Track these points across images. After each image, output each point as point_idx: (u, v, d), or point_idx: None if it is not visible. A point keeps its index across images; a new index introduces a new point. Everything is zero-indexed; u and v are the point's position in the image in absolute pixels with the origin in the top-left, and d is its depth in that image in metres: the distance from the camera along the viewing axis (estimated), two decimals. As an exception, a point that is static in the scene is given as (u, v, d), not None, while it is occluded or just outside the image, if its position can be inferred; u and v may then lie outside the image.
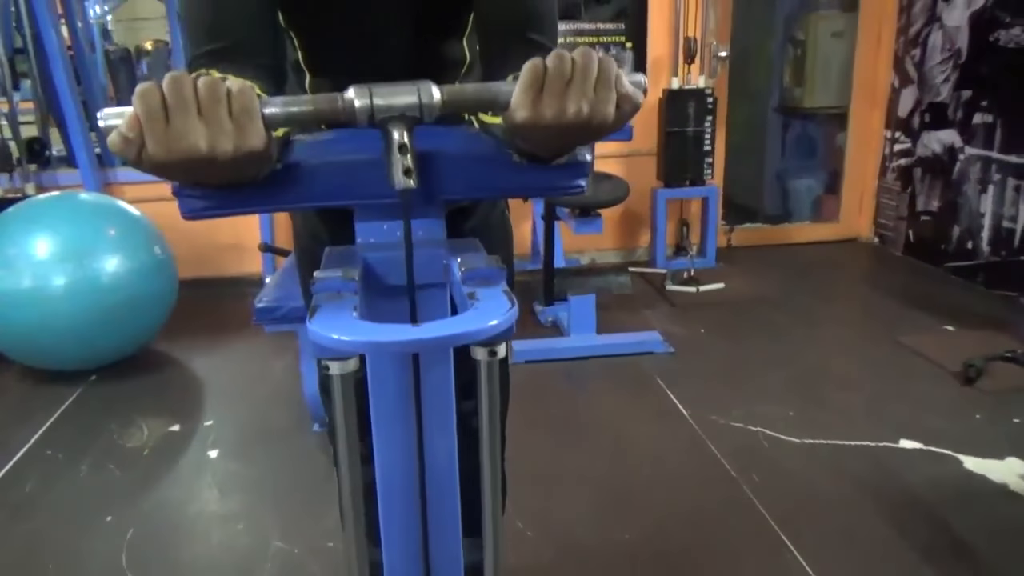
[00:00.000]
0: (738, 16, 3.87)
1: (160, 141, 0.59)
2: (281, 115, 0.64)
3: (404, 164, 0.65)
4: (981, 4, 3.20)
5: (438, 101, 0.65)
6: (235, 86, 0.61)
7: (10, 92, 3.35)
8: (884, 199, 3.93)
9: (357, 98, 0.64)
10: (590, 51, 0.65)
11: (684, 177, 3.54)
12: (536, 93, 0.65)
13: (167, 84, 0.59)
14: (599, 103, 0.66)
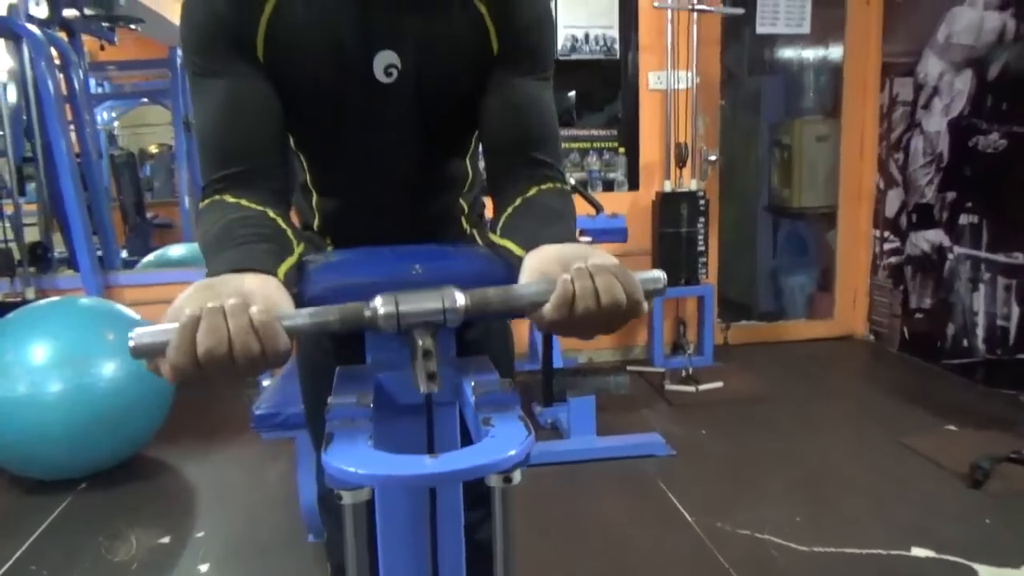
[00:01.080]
0: (726, 122, 4.02)
1: (191, 376, 0.64)
2: (307, 327, 0.66)
3: (428, 369, 0.66)
4: (958, 112, 3.33)
5: (462, 307, 0.68)
6: (256, 316, 0.63)
7: (16, 198, 3.41)
8: (877, 297, 3.98)
9: (382, 306, 0.66)
10: (620, 298, 0.69)
11: (679, 276, 3.59)
12: (561, 328, 0.71)
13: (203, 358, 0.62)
14: (616, 328, 0.72)
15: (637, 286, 0.70)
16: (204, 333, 0.61)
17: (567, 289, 0.68)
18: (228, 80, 0.87)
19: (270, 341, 0.63)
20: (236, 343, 0.62)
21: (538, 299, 0.69)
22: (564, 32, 3.54)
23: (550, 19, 0.97)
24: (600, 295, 0.68)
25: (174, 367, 0.62)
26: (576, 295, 0.68)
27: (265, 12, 0.87)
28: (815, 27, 3.90)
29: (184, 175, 4.85)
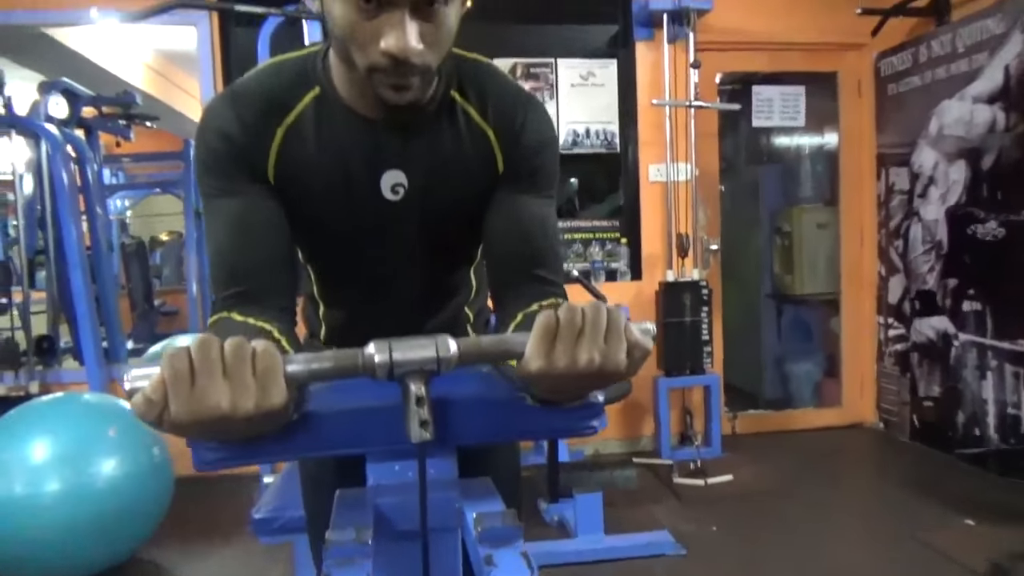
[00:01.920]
0: (726, 210, 4.09)
1: (184, 402, 0.61)
2: (303, 372, 0.67)
3: (421, 416, 0.67)
4: (955, 200, 3.38)
5: (454, 354, 0.68)
6: (260, 347, 0.64)
7: (27, 291, 3.45)
8: (885, 384, 3.94)
9: (377, 353, 0.67)
10: (599, 304, 0.70)
11: (684, 366, 3.57)
12: (549, 345, 0.68)
13: (195, 348, 0.62)
14: (610, 352, 0.69)
15: (620, 316, 0.70)
16: (198, 360, 0.62)
17: (548, 318, 0.69)
18: (238, 201, 0.89)
19: (267, 373, 0.64)
20: (231, 366, 0.62)
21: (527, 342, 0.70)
22: (566, 127, 3.64)
23: (554, 142, 1.00)
24: (583, 307, 0.69)
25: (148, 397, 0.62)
26: (560, 311, 0.69)
27: (277, 137, 0.90)
28: (810, 119, 4.01)
29: (193, 262, 4.90)
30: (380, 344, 0.67)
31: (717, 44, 3.70)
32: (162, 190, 5.82)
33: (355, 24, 0.79)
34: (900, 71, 3.69)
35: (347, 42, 0.81)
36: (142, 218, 6.10)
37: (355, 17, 0.78)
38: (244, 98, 0.90)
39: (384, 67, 0.80)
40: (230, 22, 3.41)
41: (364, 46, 0.80)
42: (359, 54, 0.81)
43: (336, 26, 0.81)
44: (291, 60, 0.94)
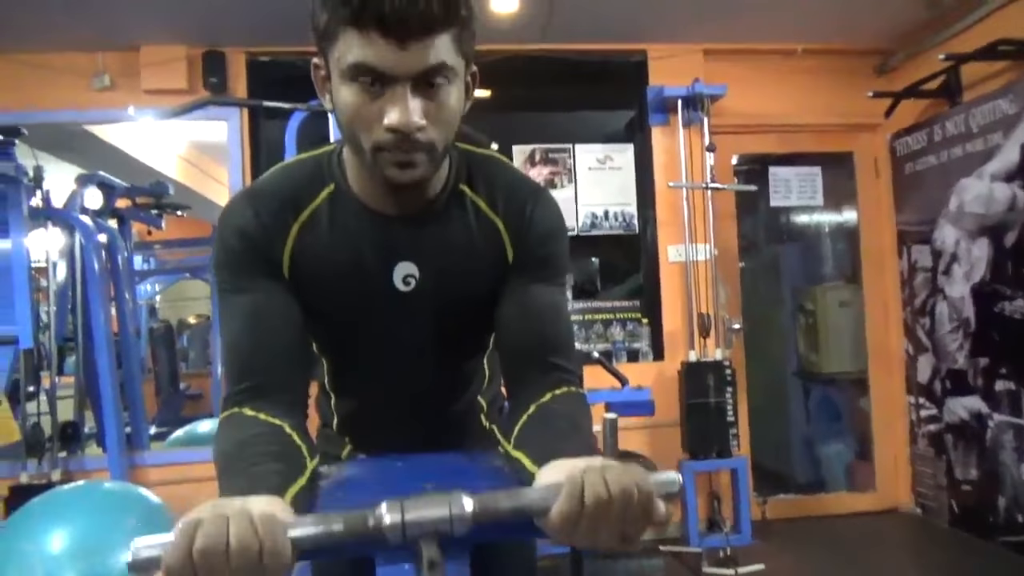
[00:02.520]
0: (747, 289, 4.07)
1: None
2: (310, 539, 0.65)
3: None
4: (980, 278, 3.35)
5: (469, 514, 0.66)
6: (263, 528, 0.63)
7: (54, 378, 3.49)
8: (920, 467, 3.81)
9: (388, 514, 0.65)
10: (631, 484, 0.68)
11: (710, 448, 3.49)
12: (572, 524, 0.67)
13: (200, 541, 0.61)
14: (632, 533, 0.69)
15: (647, 479, 0.69)
16: (203, 533, 0.61)
17: (576, 482, 0.67)
18: (253, 297, 0.91)
19: (269, 540, 0.62)
20: (234, 543, 0.61)
21: (547, 502, 0.67)
22: (584, 210, 3.69)
23: (563, 230, 1.02)
24: (610, 486, 0.67)
25: (168, 568, 0.61)
26: (586, 485, 0.67)
27: (291, 234, 0.93)
28: (828, 198, 4.04)
29: (218, 345, 4.95)
30: (392, 504, 0.66)
31: (732, 127, 3.78)
32: (191, 275, 5.96)
33: (360, 106, 0.83)
34: (916, 150, 3.72)
35: (354, 126, 0.85)
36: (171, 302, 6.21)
37: (361, 99, 0.82)
38: (261, 197, 0.94)
39: (389, 144, 0.83)
40: (259, 116, 3.56)
41: (370, 126, 0.83)
42: (365, 135, 0.84)
43: (344, 112, 0.85)
44: (307, 159, 0.98)
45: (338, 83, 0.84)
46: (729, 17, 3.46)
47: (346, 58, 0.81)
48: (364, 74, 0.81)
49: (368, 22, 0.78)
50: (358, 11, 0.78)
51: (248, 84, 3.52)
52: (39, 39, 3.25)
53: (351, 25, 0.80)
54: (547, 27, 3.45)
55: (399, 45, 0.79)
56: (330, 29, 0.82)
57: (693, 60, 3.70)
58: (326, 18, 0.82)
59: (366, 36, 0.79)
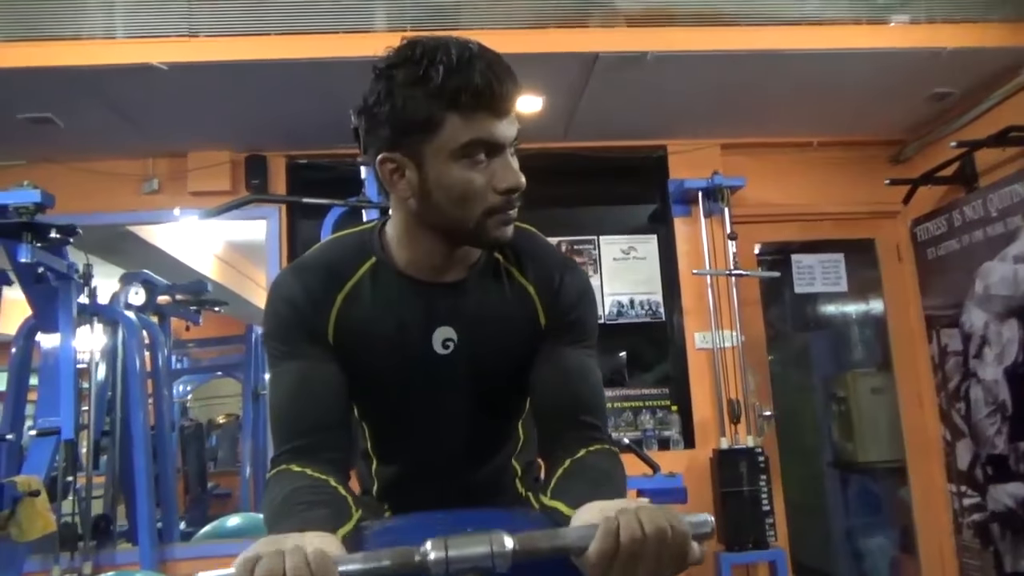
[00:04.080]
0: (778, 378, 4.06)
1: None
2: (360, 572, 0.69)
3: None
4: (1012, 360, 3.32)
5: (510, 551, 0.70)
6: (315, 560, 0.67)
7: (89, 472, 3.54)
8: (967, 559, 3.67)
9: (433, 551, 0.69)
10: (665, 524, 0.72)
11: (746, 539, 3.41)
12: (607, 563, 0.71)
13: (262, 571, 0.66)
14: (667, 573, 0.72)
15: (681, 519, 0.72)
16: (262, 567, 0.65)
17: (611, 521, 0.71)
18: (300, 363, 0.98)
19: (322, 568, 0.66)
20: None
21: (584, 541, 0.70)
22: (610, 299, 3.76)
23: (592, 295, 1.09)
24: (644, 525, 0.70)
25: None
26: (621, 525, 0.70)
27: (336, 305, 1.00)
28: (852, 284, 4.08)
29: (248, 445, 4.97)
30: (436, 541, 0.70)
31: (753, 217, 3.87)
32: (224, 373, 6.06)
33: (472, 179, 0.94)
34: (937, 235, 3.77)
35: (467, 198, 0.94)
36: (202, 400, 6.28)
37: (471, 173, 0.93)
38: (307, 270, 1.02)
39: (502, 206, 0.95)
40: (296, 215, 3.73)
41: (482, 194, 0.94)
42: (477, 204, 0.95)
43: (454, 188, 0.94)
44: (349, 236, 1.07)
45: (444, 166, 0.94)
46: (744, 114, 3.62)
47: (458, 140, 0.92)
48: (478, 148, 0.92)
49: (475, 105, 0.91)
50: (468, 98, 0.90)
51: (287, 184, 3.71)
52: (96, 147, 3.49)
53: (456, 111, 0.91)
54: (570, 126, 3.64)
55: (499, 118, 0.92)
56: (430, 119, 0.92)
57: (711, 154, 3.84)
58: (426, 110, 0.92)
59: (473, 117, 0.91)
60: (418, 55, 0.92)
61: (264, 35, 2.85)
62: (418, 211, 0.98)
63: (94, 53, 2.80)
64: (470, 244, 1.01)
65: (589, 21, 2.99)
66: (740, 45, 3.00)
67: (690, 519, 0.73)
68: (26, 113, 3.11)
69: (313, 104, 3.19)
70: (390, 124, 0.94)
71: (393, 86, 0.93)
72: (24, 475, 2.70)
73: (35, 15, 2.79)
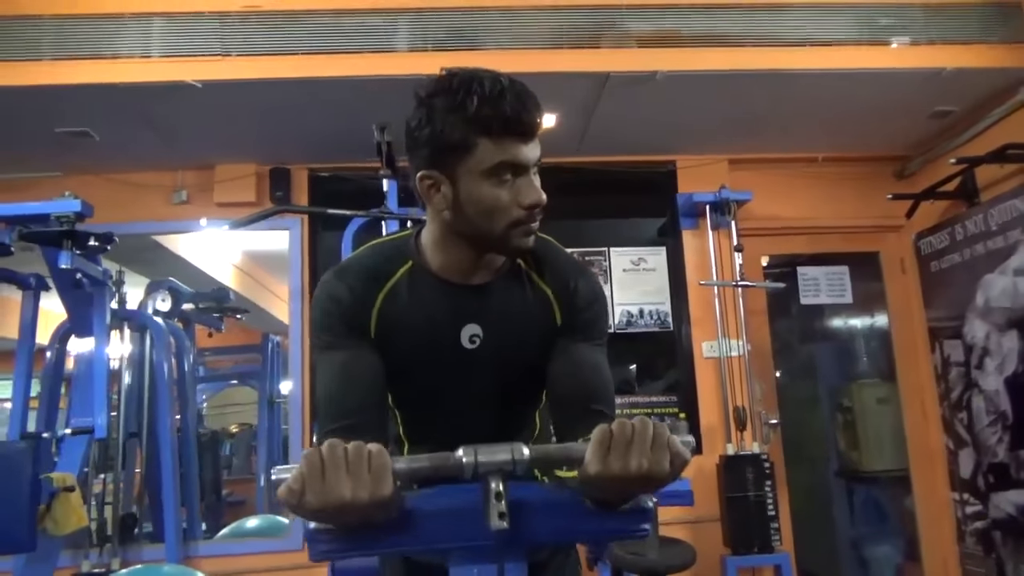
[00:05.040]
0: (785, 388, 4.16)
1: (316, 492, 0.79)
2: (407, 470, 0.84)
3: (499, 509, 0.82)
4: (1012, 370, 3.41)
5: (527, 457, 0.85)
6: (374, 448, 0.82)
7: (118, 472, 3.68)
8: (970, 566, 3.74)
9: (464, 456, 0.85)
10: (646, 419, 0.87)
11: (752, 543, 3.50)
12: (604, 452, 0.85)
13: (326, 449, 0.80)
14: (656, 459, 0.85)
15: (664, 429, 0.87)
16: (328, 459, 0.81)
17: (603, 430, 0.86)
18: (346, 353, 1.11)
19: (378, 473, 0.82)
20: (352, 466, 0.80)
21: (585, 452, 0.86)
22: (620, 309, 3.88)
23: (604, 298, 1.23)
24: (633, 421, 0.86)
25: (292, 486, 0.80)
26: (614, 432, 0.85)
27: (377, 302, 1.14)
28: (857, 297, 4.18)
29: (263, 453, 5.09)
30: (467, 449, 0.85)
31: (759, 230, 3.99)
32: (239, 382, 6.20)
33: (499, 196, 1.07)
34: (940, 249, 3.87)
35: (493, 212, 1.08)
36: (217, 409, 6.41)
37: (499, 191, 1.07)
38: (351, 272, 1.16)
39: (525, 219, 1.09)
40: (318, 225, 3.87)
41: (508, 209, 1.08)
42: (503, 217, 1.08)
43: (482, 203, 1.08)
44: (388, 242, 1.21)
45: (476, 183, 1.08)
46: (751, 131, 3.75)
47: (489, 161, 1.06)
48: (505, 169, 1.06)
49: (504, 132, 1.05)
50: (503, 124, 1.04)
51: (309, 195, 3.86)
52: (128, 160, 3.65)
53: (488, 137, 1.05)
54: (582, 142, 3.77)
55: (524, 143, 1.06)
56: (463, 142, 1.06)
57: (719, 169, 3.96)
58: (461, 134, 1.06)
59: (502, 142, 1.05)
60: (455, 85, 1.05)
61: (292, 54, 3.00)
62: (451, 222, 1.11)
63: (131, 71, 2.96)
64: (496, 252, 1.14)
65: (601, 42, 3.13)
66: (746, 65, 3.13)
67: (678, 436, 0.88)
68: (65, 127, 3.27)
69: (336, 119, 3.35)
70: (429, 145, 1.08)
71: (433, 113, 1.06)
72: (59, 472, 2.84)
73: (76, 35, 2.96)
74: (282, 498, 0.81)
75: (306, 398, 3.78)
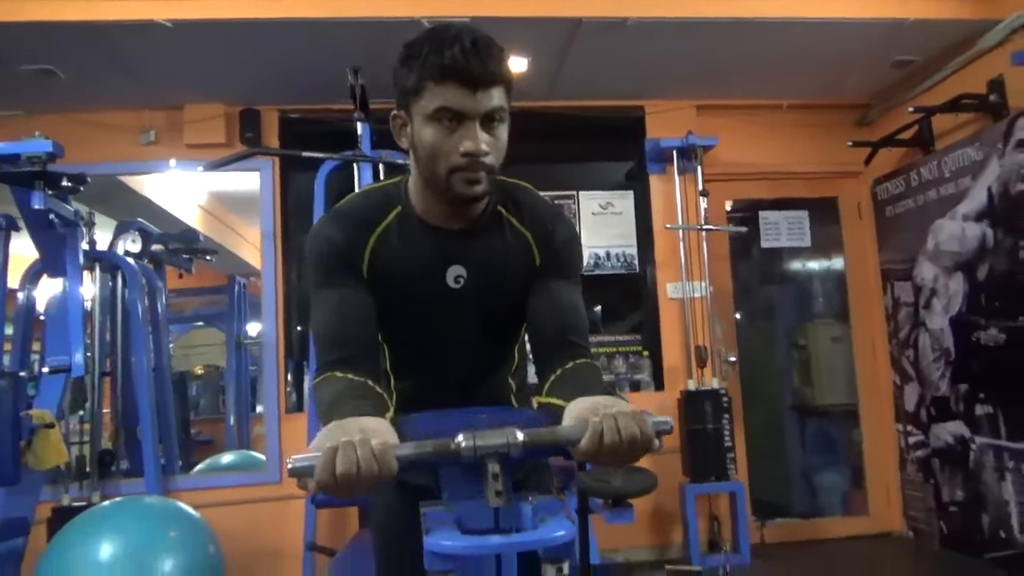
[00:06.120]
0: (744, 328, 4.34)
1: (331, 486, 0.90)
2: (411, 456, 0.93)
3: (496, 488, 0.92)
4: (957, 310, 3.61)
5: (520, 442, 0.94)
6: (377, 447, 0.90)
7: (94, 410, 3.73)
8: (909, 491, 4.02)
9: (464, 440, 0.93)
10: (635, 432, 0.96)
11: (709, 473, 3.71)
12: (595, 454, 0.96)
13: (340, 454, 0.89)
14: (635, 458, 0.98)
15: (649, 425, 0.97)
16: (340, 461, 0.88)
17: (596, 428, 0.95)
18: (341, 291, 1.19)
19: (386, 465, 0.90)
20: (363, 467, 0.88)
21: (575, 436, 0.96)
22: (588, 251, 3.99)
23: (578, 239, 1.33)
24: (621, 431, 0.94)
25: (319, 483, 0.89)
26: (604, 432, 0.94)
27: (370, 244, 1.22)
28: (816, 240, 4.34)
29: (232, 393, 5.15)
30: (467, 434, 0.94)
31: (724, 175, 4.10)
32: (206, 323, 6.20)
33: (440, 140, 1.13)
34: (895, 195, 4.03)
35: (434, 155, 1.14)
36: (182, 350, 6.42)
37: (440, 134, 1.13)
38: (345, 216, 1.23)
39: (463, 166, 1.13)
40: (289, 168, 3.87)
41: (448, 154, 1.14)
42: (443, 162, 1.14)
43: (426, 146, 1.14)
44: (377, 188, 1.28)
45: (422, 125, 1.15)
46: (718, 78, 3.82)
47: (431, 105, 1.13)
48: (445, 114, 1.12)
49: (449, 78, 1.10)
50: (442, 71, 1.10)
51: (280, 138, 3.86)
52: (95, 99, 3.60)
53: (434, 82, 1.11)
54: (554, 86, 3.81)
55: (471, 92, 1.11)
56: (416, 86, 1.13)
57: (686, 115, 4.04)
58: (414, 79, 1.13)
59: (446, 88, 1.11)
60: (427, 35, 1.14)
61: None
62: (415, 164, 1.20)
63: (99, 8, 2.91)
64: (444, 197, 1.19)
65: (574, -13, 3.15)
66: (714, 13, 3.19)
67: (655, 420, 0.98)
68: (29, 65, 3.21)
69: (307, 61, 3.34)
70: (397, 88, 1.19)
71: (403, 58, 1.16)
72: (38, 409, 2.89)
73: (40, -31, 2.90)
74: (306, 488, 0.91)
75: (280, 339, 3.86)
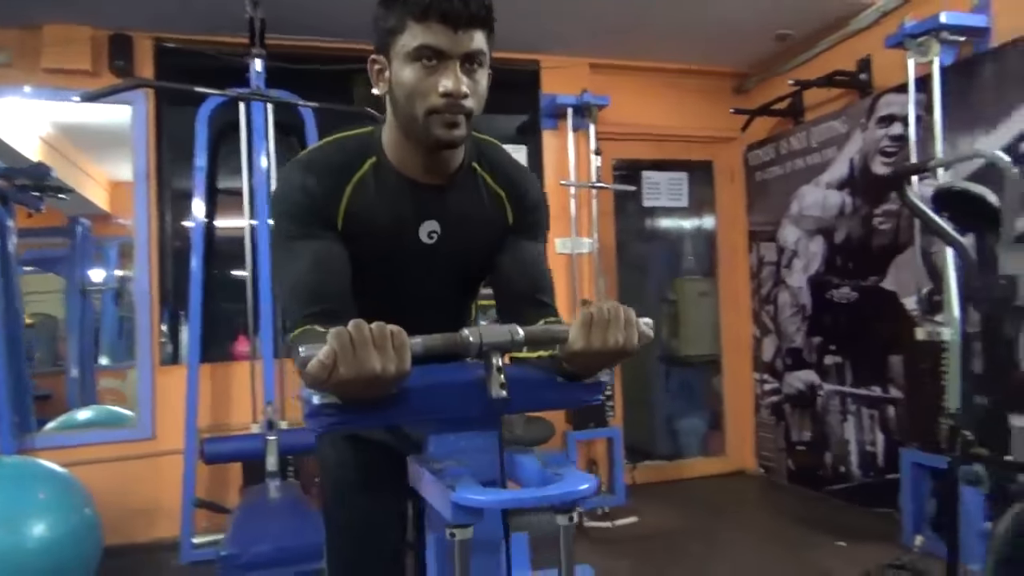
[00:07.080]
0: (623, 282, 4.53)
1: (349, 366, 0.87)
2: (421, 347, 0.94)
3: (499, 380, 0.94)
4: (815, 270, 3.96)
5: (522, 338, 0.99)
6: (394, 329, 0.90)
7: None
8: (763, 433, 4.42)
9: (470, 335, 0.97)
10: (618, 304, 1.03)
11: (589, 420, 3.90)
12: (587, 330, 0.99)
13: (352, 328, 0.88)
14: (629, 336, 1.01)
15: (632, 313, 1.04)
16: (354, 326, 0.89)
17: (588, 311, 1.01)
18: (315, 243, 1.15)
19: (398, 339, 0.91)
20: (376, 331, 0.89)
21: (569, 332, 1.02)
22: (480, 204, 3.99)
23: (546, 200, 1.34)
24: (607, 306, 1.01)
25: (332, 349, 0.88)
26: (594, 314, 1.01)
27: (345, 195, 1.18)
28: (692, 201, 4.58)
29: (74, 345, 4.76)
30: (473, 330, 0.97)
31: (612, 134, 4.21)
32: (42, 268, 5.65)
33: (420, 80, 1.11)
34: (765, 161, 4.32)
35: (413, 96, 1.12)
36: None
37: (420, 74, 1.11)
38: (318, 165, 1.18)
39: (441, 107, 1.11)
40: (165, 102, 3.58)
41: (426, 95, 1.11)
42: (421, 102, 1.12)
43: (405, 87, 1.12)
44: (351, 137, 1.23)
45: (401, 66, 1.12)
46: (613, 35, 3.88)
47: (411, 44, 1.10)
48: (426, 53, 1.10)
49: (430, 16, 1.08)
50: (424, 8, 1.08)
51: (155, 69, 3.55)
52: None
53: (415, 20, 1.09)
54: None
55: (452, 31, 1.09)
56: (396, 25, 1.10)
57: (580, 72, 4.11)
58: (395, 18, 1.10)
59: (428, 26, 1.09)
60: None
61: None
62: (392, 110, 1.17)
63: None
64: (422, 142, 1.16)
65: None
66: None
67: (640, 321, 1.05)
68: None
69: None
70: (376, 30, 1.15)
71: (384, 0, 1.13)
72: None
73: None
74: (312, 372, 0.87)
75: (155, 287, 3.63)
